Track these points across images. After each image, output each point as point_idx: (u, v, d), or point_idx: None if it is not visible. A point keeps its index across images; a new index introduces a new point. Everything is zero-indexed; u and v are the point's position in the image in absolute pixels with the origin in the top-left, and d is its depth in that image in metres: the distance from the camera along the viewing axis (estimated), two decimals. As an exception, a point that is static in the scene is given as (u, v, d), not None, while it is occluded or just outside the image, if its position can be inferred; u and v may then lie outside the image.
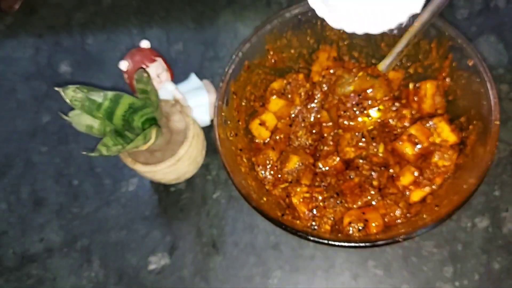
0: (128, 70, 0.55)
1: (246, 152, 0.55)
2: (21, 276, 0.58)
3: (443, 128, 0.52)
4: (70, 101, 0.46)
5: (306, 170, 0.54)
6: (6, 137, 0.67)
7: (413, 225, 0.47)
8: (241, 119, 0.56)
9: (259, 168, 0.55)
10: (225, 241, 0.58)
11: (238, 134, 0.55)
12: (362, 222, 0.49)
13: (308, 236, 0.46)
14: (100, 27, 0.73)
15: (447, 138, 0.52)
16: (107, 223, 0.60)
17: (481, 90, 0.49)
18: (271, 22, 0.54)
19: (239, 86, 0.55)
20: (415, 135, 0.52)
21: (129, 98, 0.48)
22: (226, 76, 0.53)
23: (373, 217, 0.49)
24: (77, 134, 0.65)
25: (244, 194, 0.48)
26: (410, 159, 0.53)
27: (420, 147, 0.52)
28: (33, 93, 0.70)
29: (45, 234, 0.60)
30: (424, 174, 0.51)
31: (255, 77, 0.57)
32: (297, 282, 0.56)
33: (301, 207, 0.51)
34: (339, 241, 0.45)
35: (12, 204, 0.63)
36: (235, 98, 0.55)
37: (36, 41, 0.73)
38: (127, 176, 0.62)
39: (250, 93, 0.57)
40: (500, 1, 0.69)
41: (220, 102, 0.52)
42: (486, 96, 0.48)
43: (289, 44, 0.57)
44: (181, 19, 0.73)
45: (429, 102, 0.54)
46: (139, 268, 0.57)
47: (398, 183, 0.52)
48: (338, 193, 0.51)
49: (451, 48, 0.52)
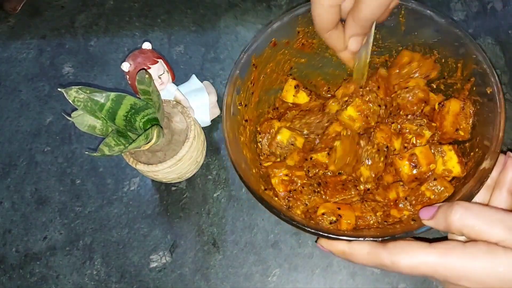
0: (130, 71, 0.55)
1: (251, 124, 0.55)
2: (24, 274, 0.59)
3: (452, 157, 0.50)
4: (72, 101, 0.47)
5: (295, 152, 0.54)
6: (9, 137, 0.68)
7: (383, 231, 0.46)
8: (256, 92, 0.56)
9: (260, 135, 0.55)
10: (225, 239, 0.59)
11: (247, 106, 0.54)
12: (335, 216, 0.49)
13: (281, 215, 0.45)
14: (102, 29, 0.74)
15: (452, 169, 0.50)
16: (109, 221, 0.61)
17: (492, 120, 0.47)
18: (306, 5, 0.53)
19: (261, 61, 0.54)
20: (418, 156, 0.50)
21: (131, 99, 0.49)
22: (249, 48, 0.52)
23: (347, 214, 0.49)
24: (80, 134, 0.67)
25: (234, 161, 0.48)
26: (404, 178, 0.51)
27: (417, 171, 0.50)
28: (36, 93, 0.71)
29: (48, 233, 0.61)
30: (408, 197, 0.50)
31: (279, 56, 0.56)
32: (296, 280, 0.56)
33: (279, 187, 0.51)
34: (309, 227, 0.44)
35: (15, 202, 0.63)
36: (254, 70, 0.54)
37: (40, 42, 0.74)
38: (129, 175, 0.63)
39: (271, 70, 0.57)
40: (497, 3, 0.69)
41: (238, 71, 0.52)
42: (494, 127, 0.46)
43: None
44: (183, 21, 0.73)
45: (450, 119, 0.52)
46: (140, 266, 0.58)
47: (387, 194, 0.52)
48: (320, 183, 0.52)
49: (475, 72, 0.50)
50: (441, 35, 0.52)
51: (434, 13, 0.51)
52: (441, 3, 0.70)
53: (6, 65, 0.73)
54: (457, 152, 0.51)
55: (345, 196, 0.52)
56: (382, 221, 0.50)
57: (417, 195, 0.50)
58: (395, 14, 0.52)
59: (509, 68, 0.65)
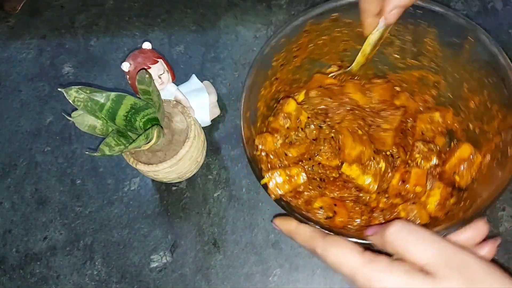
0: (130, 71, 0.55)
1: (279, 85, 0.55)
2: (24, 275, 0.59)
3: (435, 195, 0.50)
4: (73, 101, 0.47)
5: (304, 144, 0.54)
6: (9, 137, 0.68)
7: (358, 234, 0.46)
8: (299, 58, 0.55)
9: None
10: (226, 239, 0.59)
11: (284, 66, 0.54)
12: (331, 212, 0.49)
13: (282, 202, 0.45)
14: (102, 29, 0.74)
15: (428, 206, 0.50)
16: (109, 222, 0.61)
17: (498, 182, 0.44)
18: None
19: (316, 29, 0.52)
20: (411, 175, 0.50)
21: (131, 99, 0.49)
22: (309, 13, 0.51)
23: (341, 212, 0.49)
24: (80, 134, 0.67)
25: (243, 110, 0.48)
26: (389, 189, 0.52)
27: (402, 187, 0.51)
28: (36, 93, 0.71)
29: (49, 233, 0.61)
30: (384, 210, 0.51)
31: (337, 33, 0.54)
32: (296, 280, 0.56)
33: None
34: (305, 218, 0.44)
35: (15, 203, 0.63)
36: (305, 36, 0.53)
37: (40, 42, 0.74)
38: (130, 175, 0.63)
39: (324, 43, 0.55)
40: (497, 2, 0.69)
41: (288, 29, 0.51)
42: (496, 191, 0.43)
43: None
44: (183, 21, 0.73)
45: (454, 161, 0.50)
46: (141, 266, 0.58)
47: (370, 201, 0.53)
48: (324, 179, 0.52)
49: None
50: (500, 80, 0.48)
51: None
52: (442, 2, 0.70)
53: (6, 65, 0.73)
54: (445, 195, 0.50)
55: (343, 194, 0.52)
56: (365, 224, 0.50)
57: (392, 211, 0.50)
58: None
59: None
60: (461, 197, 0.49)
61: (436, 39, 0.51)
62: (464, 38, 0.48)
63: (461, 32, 0.49)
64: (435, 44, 0.52)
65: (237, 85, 0.67)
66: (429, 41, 0.52)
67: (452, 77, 0.53)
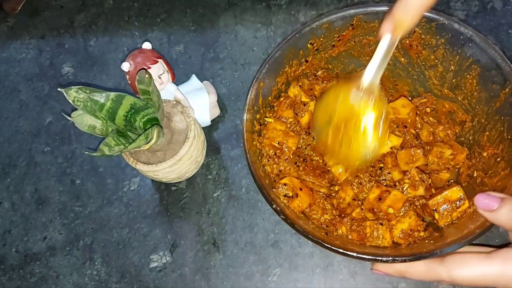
0: (130, 71, 0.55)
1: (307, 69, 0.56)
2: (24, 274, 0.59)
3: (404, 223, 0.50)
4: (72, 101, 0.47)
5: (307, 115, 0.55)
6: (9, 137, 0.68)
7: (400, 252, 0.47)
8: (337, 49, 0.56)
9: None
10: (226, 239, 0.59)
11: (319, 51, 0.55)
12: (292, 192, 0.50)
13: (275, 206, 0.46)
14: (102, 28, 0.74)
15: (394, 231, 0.50)
16: (109, 222, 0.61)
17: (468, 232, 0.44)
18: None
19: (362, 27, 0.53)
20: (390, 196, 0.50)
21: (131, 99, 0.49)
22: (360, 10, 0.51)
23: (303, 197, 0.51)
24: (80, 134, 0.67)
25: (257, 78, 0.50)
26: (365, 201, 0.52)
27: (376, 205, 0.51)
28: (36, 93, 0.70)
29: (48, 233, 0.61)
30: (354, 220, 0.51)
31: None
32: (296, 280, 0.56)
33: (268, 143, 0.53)
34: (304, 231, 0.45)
35: (15, 203, 0.63)
36: (350, 30, 0.53)
37: (39, 42, 0.74)
38: (129, 175, 0.63)
39: (367, 43, 0.55)
40: (497, 2, 0.69)
41: (334, 18, 0.51)
42: (462, 239, 0.44)
43: None
44: (182, 21, 0.73)
45: (439, 199, 0.49)
46: (140, 266, 0.58)
47: (344, 207, 0.53)
48: (306, 160, 0.53)
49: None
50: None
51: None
52: (441, 2, 0.70)
53: (5, 65, 0.73)
54: (414, 226, 0.50)
55: (316, 181, 0.52)
56: (324, 224, 0.51)
57: (360, 224, 0.50)
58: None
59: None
60: (431, 234, 0.49)
61: (477, 78, 0.51)
62: (503, 87, 0.48)
63: (503, 80, 0.48)
64: (474, 83, 0.52)
65: (237, 85, 0.68)
66: (470, 78, 0.52)
67: (479, 121, 0.52)
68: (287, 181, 0.51)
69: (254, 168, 0.47)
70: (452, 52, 0.52)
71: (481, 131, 0.52)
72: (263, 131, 0.54)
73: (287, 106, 0.55)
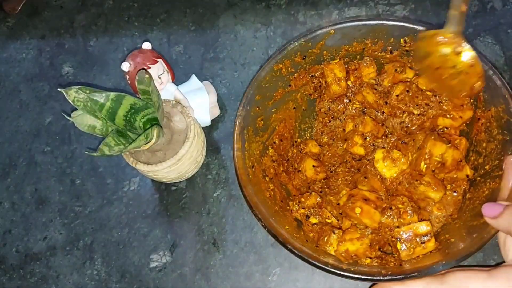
0: (129, 71, 0.55)
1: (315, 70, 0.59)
2: (24, 274, 0.59)
3: (357, 244, 0.49)
4: (72, 101, 0.47)
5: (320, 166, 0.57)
6: (9, 137, 0.68)
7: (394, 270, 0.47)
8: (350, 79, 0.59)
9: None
10: (225, 239, 0.59)
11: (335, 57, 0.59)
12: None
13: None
14: (102, 29, 0.74)
15: (356, 250, 0.49)
16: (109, 221, 0.61)
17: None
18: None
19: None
20: (368, 213, 0.49)
21: (131, 99, 0.49)
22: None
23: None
24: (80, 134, 0.67)
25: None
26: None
27: (354, 217, 0.50)
28: (36, 93, 0.71)
29: (48, 233, 0.61)
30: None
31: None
32: (296, 280, 0.56)
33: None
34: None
35: (15, 203, 0.64)
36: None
37: (39, 43, 0.74)
38: (129, 175, 0.63)
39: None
40: (497, 2, 0.69)
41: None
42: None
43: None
44: (182, 21, 0.73)
45: (406, 229, 0.48)
46: (140, 266, 0.58)
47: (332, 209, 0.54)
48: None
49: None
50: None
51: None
52: (441, 2, 0.70)
53: (5, 66, 0.73)
54: (364, 249, 0.49)
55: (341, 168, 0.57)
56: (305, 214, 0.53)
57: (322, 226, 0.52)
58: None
59: (509, 67, 0.65)
60: (382, 259, 0.49)
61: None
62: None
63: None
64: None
65: (236, 85, 0.68)
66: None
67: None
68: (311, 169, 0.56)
69: (239, 173, 0.51)
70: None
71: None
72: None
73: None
